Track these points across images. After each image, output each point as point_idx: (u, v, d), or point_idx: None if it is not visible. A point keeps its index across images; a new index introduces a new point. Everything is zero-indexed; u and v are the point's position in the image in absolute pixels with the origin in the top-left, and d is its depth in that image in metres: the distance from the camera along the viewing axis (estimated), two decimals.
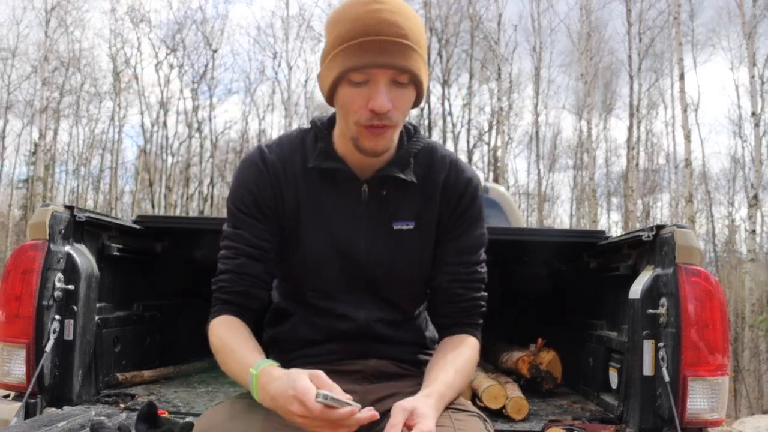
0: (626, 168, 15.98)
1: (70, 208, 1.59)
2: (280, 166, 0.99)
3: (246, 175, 1.00)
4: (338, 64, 0.88)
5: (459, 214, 1.02)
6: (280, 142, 1.02)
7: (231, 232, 1.00)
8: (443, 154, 1.04)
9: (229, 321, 0.96)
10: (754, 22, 12.05)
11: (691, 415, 1.39)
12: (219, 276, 1.00)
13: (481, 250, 1.05)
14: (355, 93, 0.88)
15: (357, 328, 1.00)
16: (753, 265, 11.18)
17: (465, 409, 0.95)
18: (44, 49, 14.89)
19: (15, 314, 1.46)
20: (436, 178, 1.01)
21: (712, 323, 1.40)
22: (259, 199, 0.98)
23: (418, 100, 0.94)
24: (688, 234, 1.45)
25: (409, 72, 0.88)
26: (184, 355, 2.15)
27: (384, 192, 0.99)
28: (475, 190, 1.03)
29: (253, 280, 0.98)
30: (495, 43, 14.61)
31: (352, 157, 0.97)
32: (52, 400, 1.49)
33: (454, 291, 1.02)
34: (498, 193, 3.42)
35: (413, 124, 1.05)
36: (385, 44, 0.85)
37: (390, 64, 0.86)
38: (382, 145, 0.92)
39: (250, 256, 0.98)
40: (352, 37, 0.86)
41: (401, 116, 0.91)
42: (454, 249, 1.02)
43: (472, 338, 1.03)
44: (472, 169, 1.06)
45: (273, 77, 18.18)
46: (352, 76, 0.87)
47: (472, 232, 1.03)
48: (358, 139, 0.91)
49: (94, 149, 19.25)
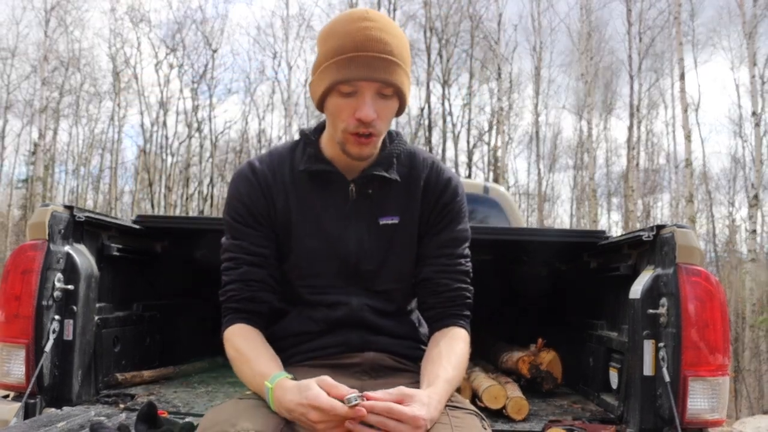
0: (626, 168, 15.98)
1: (70, 208, 1.59)
2: (270, 175, 1.06)
3: (238, 188, 1.06)
4: (329, 76, 0.95)
5: (440, 209, 1.08)
6: (270, 154, 1.10)
7: (230, 243, 1.05)
8: (424, 156, 1.11)
9: (243, 330, 1.01)
10: (755, 21, 12.04)
11: (691, 415, 1.39)
12: (226, 287, 1.05)
13: (465, 245, 1.10)
14: (343, 103, 0.96)
15: (350, 314, 1.03)
16: (753, 265, 11.18)
17: (462, 407, 0.96)
18: (44, 48, 14.88)
19: (14, 314, 1.46)
20: (417, 177, 1.08)
21: (713, 323, 1.39)
22: (253, 209, 1.04)
23: (400, 109, 1.02)
24: (689, 234, 1.44)
25: (393, 86, 0.96)
26: (184, 355, 2.15)
27: (370, 190, 1.05)
28: (455, 188, 1.09)
29: (259, 285, 1.03)
30: (495, 43, 14.61)
31: (340, 160, 1.04)
32: (51, 401, 1.48)
33: (439, 281, 1.06)
34: (498, 193, 3.41)
35: (395, 130, 1.12)
36: (372, 60, 0.93)
37: (376, 78, 0.93)
38: (367, 152, 0.99)
39: (251, 263, 1.03)
40: (342, 51, 0.93)
41: (385, 125, 0.99)
42: (438, 242, 1.07)
43: (462, 330, 1.06)
44: (452, 171, 1.14)
45: (273, 77, 18.19)
46: (341, 87, 0.95)
47: (453, 226, 1.08)
48: (345, 144, 0.99)
49: (94, 149, 19.27)
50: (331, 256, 1.04)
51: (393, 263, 1.06)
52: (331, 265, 1.04)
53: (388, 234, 1.05)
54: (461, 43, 16.50)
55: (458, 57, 16.74)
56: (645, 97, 16.70)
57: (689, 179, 11.38)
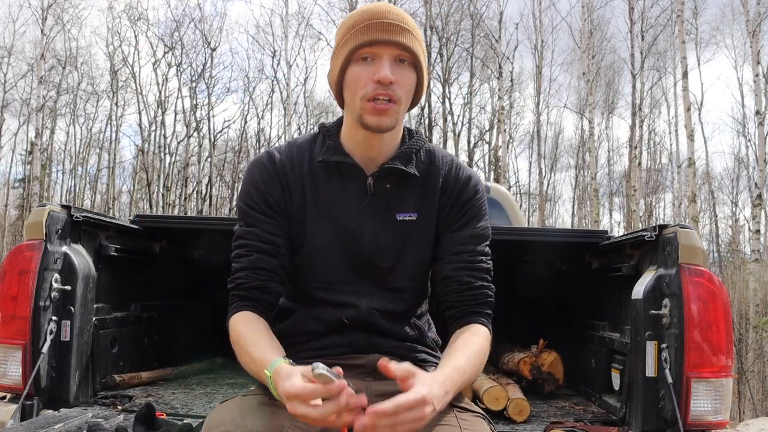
0: (628, 167, 15.95)
1: (67, 207, 1.58)
2: (288, 164, 1.05)
3: (254, 175, 1.05)
4: (347, 47, 0.98)
5: (460, 206, 1.07)
6: (289, 144, 1.09)
7: (243, 230, 1.04)
8: (443, 154, 1.10)
9: (248, 317, 0.99)
10: (759, 19, 12.00)
11: (694, 417, 1.38)
12: (235, 274, 1.03)
13: (485, 243, 1.08)
14: (361, 70, 0.97)
15: (357, 316, 1.02)
16: (757, 266, 11.14)
17: (471, 410, 0.96)
18: (41, 47, 14.81)
19: (11, 315, 1.45)
20: (436, 174, 1.07)
21: (716, 324, 1.38)
22: (268, 196, 1.03)
23: (418, 91, 1.02)
24: (691, 234, 1.43)
25: (410, 51, 0.97)
26: (183, 357, 2.14)
27: (388, 185, 1.04)
28: (475, 186, 1.09)
29: (269, 275, 1.01)
30: (496, 42, 14.59)
31: (358, 152, 1.04)
32: (48, 402, 1.48)
33: (460, 279, 1.04)
34: (499, 193, 3.41)
35: (414, 128, 1.12)
36: (389, 25, 0.97)
37: (393, 40, 0.96)
38: (386, 123, 0.98)
39: (263, 251, 1.01)
40: (359, 23, 0.98)
41: (403, 94, 0.98)
42: (458, 239, 1.06)
43: (483, 327, 1.04)
44: (472, 170, 1.13)
45: (272, 76, 18.10)
46: (359, 53, 0.97)
47: (474, 223, 1.07)
48: (363, 115, 0.98)
49: (92, 148, 19.26)
50: (345, 250, 1.03)
51: (408, 260, 1.05)
52: (344, 259, 1.03)
53: (404, 230, 1.04)
54: (462, 42, 16.49)
55: (459, 56, 16.73)
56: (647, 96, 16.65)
57: (692, 179, 11.34)
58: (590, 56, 14.04)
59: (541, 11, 16.25)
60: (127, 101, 18.32)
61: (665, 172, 18.71)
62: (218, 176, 18.21)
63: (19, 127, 18.46)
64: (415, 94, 1.02)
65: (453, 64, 16.61)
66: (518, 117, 18.98)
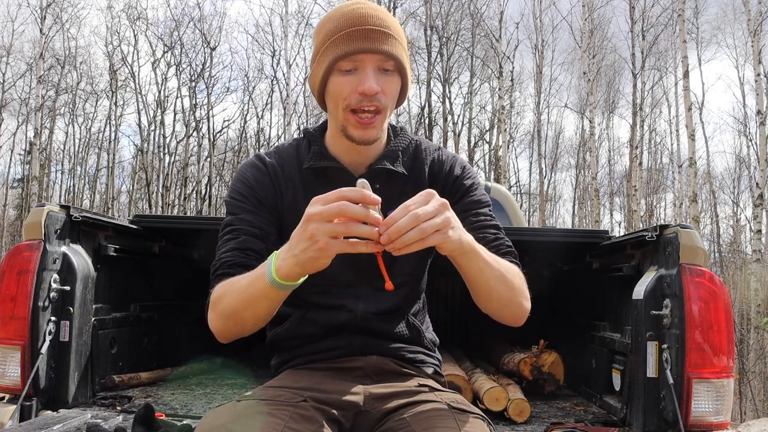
0: (629, 167, 15.94)
1: (66, 207, 1.57)
2: (279, 167, 1.05)
3: (245, 173, 1.04)
4: (328, 56, 0.94)
5: (451, 184, 1.07)
6: (277, 149, 1.08)
7: (231, 218, 1.01)
8: (427, 145, 1.11)
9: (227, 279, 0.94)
10: (760, 19, 11.98)
11: (695, 417, 1.37)
12: (221, 256, 0.98)
13: (488, 207, 1.07)
14: (344, 81, 0.94)
15: (353, 319, 1.01)
16: (758, 266, 11.12)
17: (469, 411, 0.95)
18: (39, 46, 14.80)
19: (10, 315, 1.45)
20: (422, 166, 1.08)
21: (717, 324, 1.38)
22: (258, 192, 1.02)
23: (402, 94, 1.00)
24: (692, 234, 1.43)
25: (394, 59, 0.94)
26: (182, 357, 2.14)
27: (377, 185, 1.03)
28: (462, 164, 1.09)
29: (257, 256, 0.96)
30: (496, 41, 14.57)
31: (345, 156, 1.03)
32: (47, 403, 1.47)
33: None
34: (499, 193, 3.40)
35: (400, 125, 1.12)
36: (371, 32, 0.93)
37: (376, 49, 0.93)
38: (371, 135, 0.97)
39: (252, 234, 0.98)
40: (340, 29, 0.93)
41: (389, 102, 0.96)
42: (459, 209, 1.02)
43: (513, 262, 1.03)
44: (458, 154, 1.14)
45: (271, 75, 18.10)
46: (341, 65, 0.94)
47: (471, 192, 1.07)
48: (347, 128, 0.96)
49: (91, 148, 19.26)
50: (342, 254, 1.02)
51: (405, 256, 1.03)
52: (343, 263, 1.01)
53: None
54: (462, 41, 16.48)
55: (459, 55, 16.72)
56: (648, 96, 16.65)
57: (693, 179, 11.33)
58: (591, 56, 14.03)
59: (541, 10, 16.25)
60: (127, 101, 18.35)
61: (666, 172, 18.73)
62: (218, 176, 18.20)
63: (18, 127, 18.49)
64: (399, 96, 1.01)
65: (453, 63, 16.60)
66: (518, 117, 18.99)
